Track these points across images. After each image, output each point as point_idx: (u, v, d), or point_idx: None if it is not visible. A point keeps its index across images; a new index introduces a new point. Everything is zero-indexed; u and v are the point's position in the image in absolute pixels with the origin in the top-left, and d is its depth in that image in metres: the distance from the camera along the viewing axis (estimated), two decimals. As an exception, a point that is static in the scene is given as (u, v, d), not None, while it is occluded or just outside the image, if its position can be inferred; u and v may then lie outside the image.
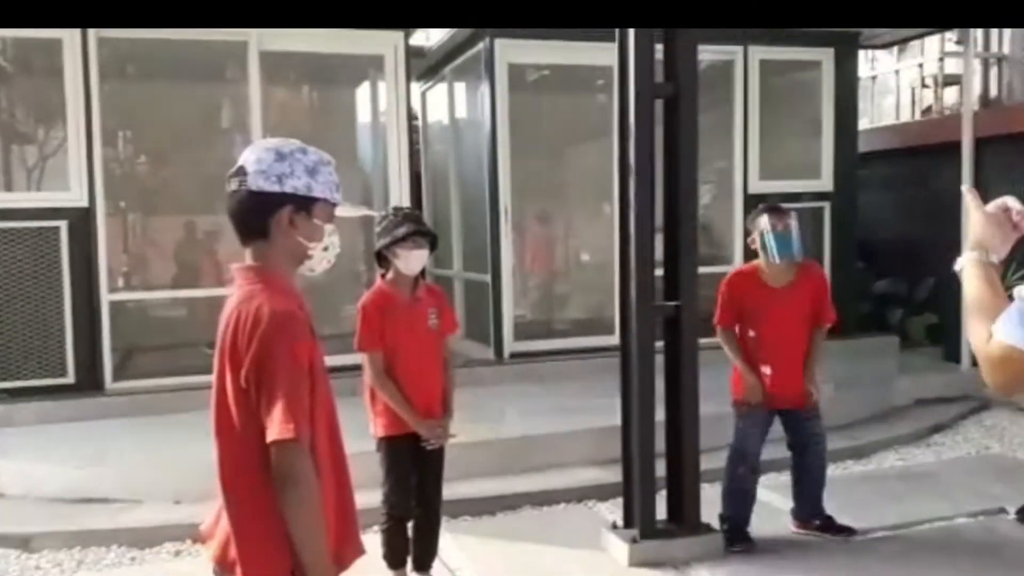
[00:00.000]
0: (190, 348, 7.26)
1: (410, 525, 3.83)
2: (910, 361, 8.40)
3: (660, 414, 4.39)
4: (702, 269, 4.59)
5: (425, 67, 9.38)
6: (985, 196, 1.90)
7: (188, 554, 4.64)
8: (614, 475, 5.26)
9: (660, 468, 4.42)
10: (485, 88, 7.86)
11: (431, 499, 3.82)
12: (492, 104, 7.72)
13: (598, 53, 7.85)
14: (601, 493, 5.31)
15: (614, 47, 4.45)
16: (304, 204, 2.03)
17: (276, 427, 1.87)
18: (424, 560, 3.88)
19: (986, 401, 7.47)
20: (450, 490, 4.12)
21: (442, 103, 9.73)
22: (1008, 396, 1.96)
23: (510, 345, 7.89)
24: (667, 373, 4.43)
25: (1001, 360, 1.68)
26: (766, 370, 4.41)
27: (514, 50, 7.77)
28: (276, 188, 1.99)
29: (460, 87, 9.26)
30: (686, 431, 4.38)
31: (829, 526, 4.56)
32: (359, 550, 2.15)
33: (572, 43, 7.57)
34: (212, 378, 2.04)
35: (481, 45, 7.83)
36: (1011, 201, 1.88)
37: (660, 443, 4.39)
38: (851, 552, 4.44)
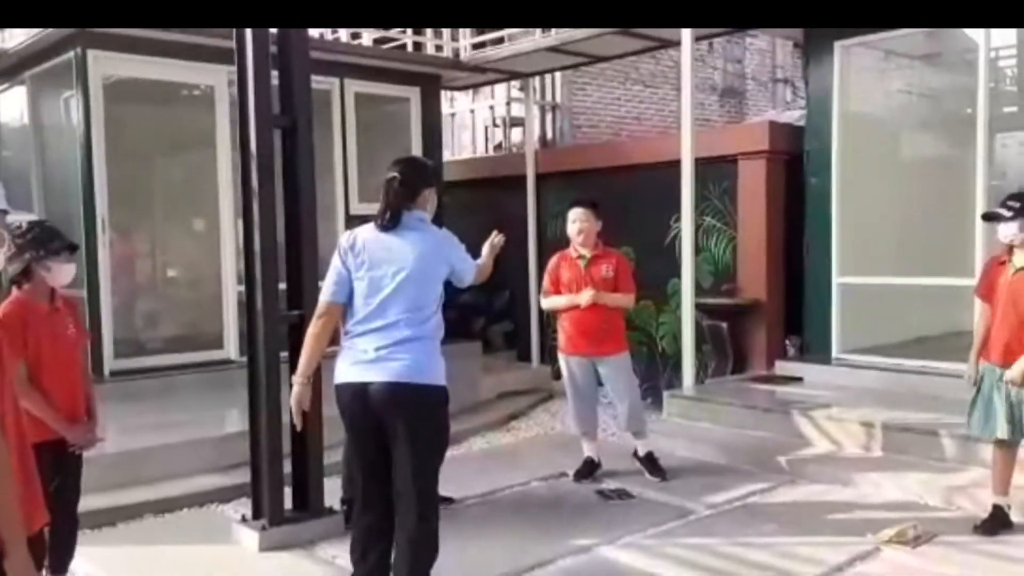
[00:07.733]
0: None
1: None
2: (491, 363, 9.73)
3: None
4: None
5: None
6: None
7: None
8: (232, 479, 5.58)
9: (286, 467, 4.84)
10: (76, 97, 7.58)
11: (71, 504, 3.85)
12: (86, 115, 7.47)
13: (196, 72, 8.01)
14: (223, 496, 5.57)
15: (212, 67, 4.74)
16: None
17: None
18: (61, 563, 3.88)
19: (550, 392, 8.91)
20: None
21: (19, 107, 9.08)
22: None
23: (111, 363, 7.68)
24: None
25: None
26: None
27: (108, 63, 7.63)
28: None
29: (45, 93, 8.73)
30: (311, 429, 4.84)
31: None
32: (44, 516, 2.33)
33: (169, 60, 7.69)
34: None
35: (72, 53, 7.55)
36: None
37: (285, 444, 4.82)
38: (449, 516, 5.17)
